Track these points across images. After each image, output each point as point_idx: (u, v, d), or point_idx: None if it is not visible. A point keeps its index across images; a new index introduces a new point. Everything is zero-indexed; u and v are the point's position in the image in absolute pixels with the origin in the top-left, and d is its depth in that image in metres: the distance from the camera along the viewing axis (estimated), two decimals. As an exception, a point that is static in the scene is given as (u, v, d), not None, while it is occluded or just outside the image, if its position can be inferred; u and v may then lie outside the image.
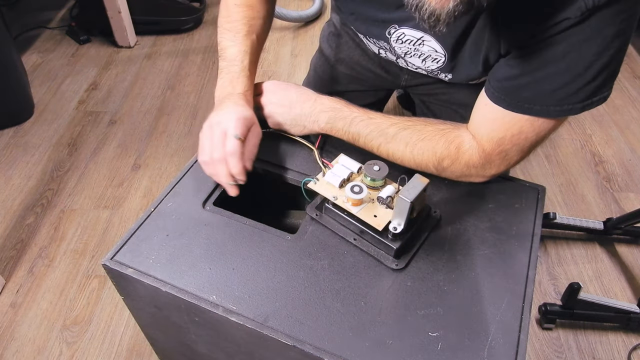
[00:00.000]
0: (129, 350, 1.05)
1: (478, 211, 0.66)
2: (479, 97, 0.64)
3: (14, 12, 2.13)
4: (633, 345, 1.08)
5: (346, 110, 0.67)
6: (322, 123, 0.68)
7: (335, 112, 0.67)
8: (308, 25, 2.13)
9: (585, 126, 1.67)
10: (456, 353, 0.52)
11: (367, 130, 0.66)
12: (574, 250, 1.27)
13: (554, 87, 0.56)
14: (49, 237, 1.27)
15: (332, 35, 0.97)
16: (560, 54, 0.54)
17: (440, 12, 0.45)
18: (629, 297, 1.17)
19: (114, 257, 0.60)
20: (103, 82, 1.79)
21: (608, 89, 0.56)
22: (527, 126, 0.60)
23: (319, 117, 0.68)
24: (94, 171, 1.45)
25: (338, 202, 0.60)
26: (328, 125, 0.68)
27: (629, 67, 1.91)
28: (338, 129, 0.68)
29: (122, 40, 1.94)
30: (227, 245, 0.61)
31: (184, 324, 0.62)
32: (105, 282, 1.17)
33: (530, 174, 1.48)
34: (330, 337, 0.52)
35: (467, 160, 0.65)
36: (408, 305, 0.55)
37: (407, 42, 0.69)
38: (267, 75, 1.83)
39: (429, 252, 0.61)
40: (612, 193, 1.43)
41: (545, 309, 1.08)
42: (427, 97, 0.96)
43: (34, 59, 1.89)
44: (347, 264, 0.59)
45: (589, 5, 0.49)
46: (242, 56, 0.72)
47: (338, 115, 0.67)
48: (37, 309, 1.12)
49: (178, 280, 0.57)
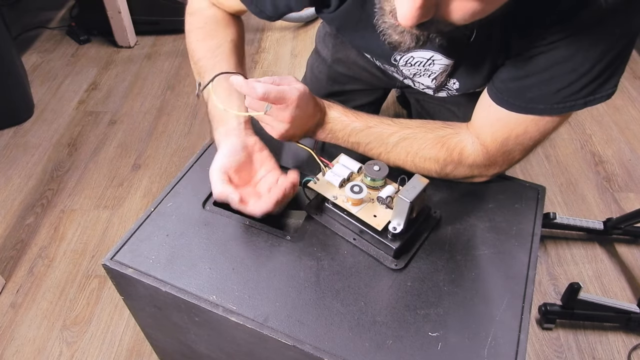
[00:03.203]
0: (129, 350, 1.05)
1: (478, 211, 0.66)
2: (481, 98, 0.64)
3: (14, 12, 2.12)
4: (633, 345, 1.08)
5: (345, 119, 0.65)
6: (323, 134, 0.67)
7: (334, 124, 0.65)
8: (308, 25, 2.13)
9: (585, 126, 1.67)
10: (456, 353, 0.52)
11: (366, 140, 0.66)
12: (574, 250, 1.27)
13: (559, 86, 0.56)
14: (49, 237, 1.27)
15: (328, 35, 0.97)
16: (569, 55, 0.53)
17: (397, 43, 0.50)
18: (629, 297, 1.17)
19: (114, 257, 0.60)
20: (103, 82, 1.79)
21: (612, 86, 0.56)
22: (532, 126, 0.60)
23: (320, 128, 0.68)
24: (94, 171, 1.45)
25: (338, 202, 0.60)
26: (329, 135, 0.67)
27: (629, 67, 1.91)
28: (338, 138, 0.67)
29: (122, 40, 1.94)
30: (227, 245, 0.61)
31: (184, 324, 0.62)
32: (105, 282, 1.16)
33: (530, 174, 1.48)
34: (330, 337, 0.52)
35: (471, 163, 0.65)
36: (408, 305, 0.55)
37: (417, 64, 0.68)
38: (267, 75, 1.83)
39: (429, 252, 0.61)
40: (612, 193, 1.43)
41: (545, 309, 1.08)
42: (422, 96, 0.96)
43: (34, 59, 1.89)
44: (347, 264, 0.59)
45: (602, 9, 0.49)
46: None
47: (337, 126, 0.66)
48: (37, 309, 1.12)
49: (178, 280, 0.57)
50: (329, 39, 0.97)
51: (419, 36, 0.48)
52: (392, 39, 0.49)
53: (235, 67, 0.72)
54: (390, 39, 0.50)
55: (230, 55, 0.72)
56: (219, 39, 0.73)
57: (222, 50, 0.72)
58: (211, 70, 0.70)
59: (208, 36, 0.74)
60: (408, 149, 0.65)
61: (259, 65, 1.90)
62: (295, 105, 0.58)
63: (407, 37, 0.48)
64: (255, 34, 2.08)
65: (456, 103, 0.90)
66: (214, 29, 0.74)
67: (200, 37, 0.75)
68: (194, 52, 0.75)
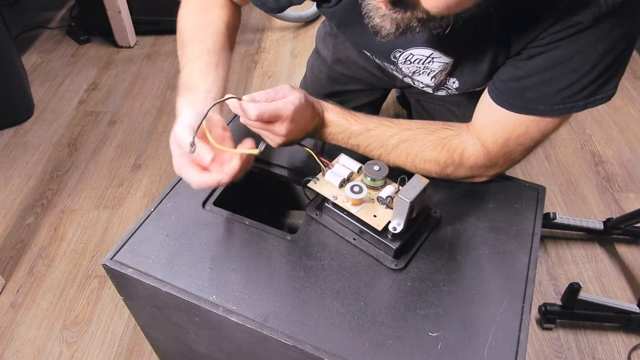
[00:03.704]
0: (129, 350, 1.05)
1: (478, 211, 0.66)
2: (482, 98, 0.64)
3: (14, 12, 2.12)
4: (633, 345, 1.08)
5: (344, 123, 0.65)
6: (322, 137, 0.67)
7: (333, 127, 0.65)
8: (308, 25, 2.13)
9: (585, 126, 1.67)
10: (456, 353, 0.52)
11: (366, 142, 0.65)
12: (574, 250, 1.27)
13: (559, 87, 0.56)
14: (49, 237, 1.27)
15: (328, 35, 0.97)
16: (568, 56, 0.54)
17: (379, 28, 0.50)
18: (629, 297, 1.17)
19: (114, 257, 0.60)
20: (103, 82, 1.79)
21: (612, 87, 0.56)
22: (533, 126, 0.60)
23: (319, 132, 0.67)
24: (94, 171, 1.45)
25: (338, 202, 0.60)
26: (328, 137, 0.66)
27: (629, 68, 1.91)
28: (337, 140, 0.67)
29: (122, 40, 1.94)
30: (227, 245, 0.61)
31: (184, 324, 0.62)
32: (105, 282, 1.16)
33: (530, 174, 1.48)
34: (330, 337, 0.52)
35: (472, 164, 0.65)
36: (408, 305, 0.55)
37: (416, 61, 0.68)
38: (267, 76, 1.83)
39: (429, 252, 0.61)
40: (612, 193, 1.43)
41: (545, 309, 1.08)
42: (422, 96, 0.96)
43: (34, 59, 1.89)
44: (347, 264, 0.59)
45: (602, 10, 0.49)
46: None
47: (335, 130, 0.65)
48: (37, 309, 1.12)
49: (178, 280, 0.57)
50: (329, 39, 0.97)
51: (398, 22, 0.48)
52: (374, 22, 0.50)
53: (223, 46, 0.70)
54: (373, 22, 0.50)
55: (220, 34, 0.71)
56: (213, 16, 0.72)
57: (213, 27, 0.71)
58: (198, 42, 0.68)
59: (203, 11, 0.73)
60: (408, 150, 0.65)
61: (259, 65, 1.90)
62: (290, 120, 0.57)
63: (387, 21, 0.49)
64: (255, 34, 2.08)
65: (456, 103, 0.90)
66: (210, 6, 0.73)
67: (195, 10, 0.73)
68: (184, 22, 0.72)
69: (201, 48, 0.68)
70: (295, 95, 0.59)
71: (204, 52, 0.67)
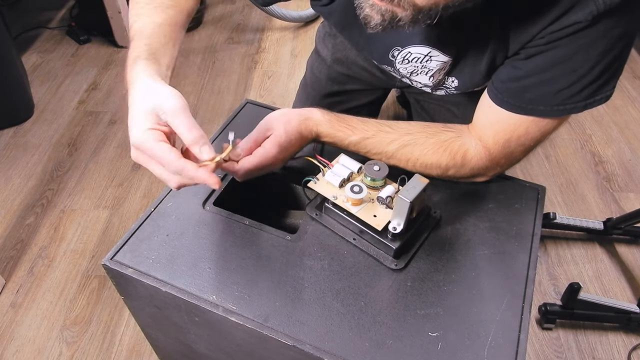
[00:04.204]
0: (129, 350, 1.05)
1: (478, 211, 0.66)
2: (482, 99, 0.64)
3: (14, 12, 2.12)
4: (633, 345, 1.08)
5: (340, 135, 0.64)
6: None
7: (330, 139, 0.65)
8: (308, 25, 2.13)
9: (585, 126, 1.67)
10: (456, 353, 0.52)
11: (364, 150, 0.65)
12: (574, 250, 1.27)
13: (559, 87, 0.55)
14: (49, 237, 1.27)
15: (327, 35, 0.97)
16: (567, 56, 0.53)
17: (369, 18, 0.50)
18: (629, 297, 1.17)
19: (114, 257, 0.60)
20: (103, 82, 1.79)
21: (611, 88, 0.56)
22: (533, 127, 0.60)
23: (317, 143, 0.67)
24: (94, 171, 1.45)
25: (338, 202, 0.60)
26: (329, 143, 0.67)
27: (629, 67, 1.91)
28: (337, 146, 0.66)
29: (122, 40, 1.94)
30: (227, 245, 0.61)
31: (184, 324, 0.62)
32: (105, 282, 1.16)
33: (530, 174, 1.48)
34: (330, 337, 0.52)
35: (474, 166, 0.65)
36: (408, 305, 0.55)
37: (414, 60, 0.68)
38: (267, 76, 1.83)
39: (429, 252, 0.61)
40: (612, 193, 1.43)
41: (545, 309, 1.08)
42: (421, 96, 0.96)
43: (34, 59, 1.89)
44: (347, 264, 0.59)
45: (600, 9, 0.49)
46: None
47: (332, 141, 0.65)
48: (37, 309, 1.12)
49: (178, 280, 0.57)
50: (328, 39, 0.97)
51: (384, 13, 0.48)
52: (364, 12, 0.50)
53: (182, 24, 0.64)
54: (363, 13, 0.51)
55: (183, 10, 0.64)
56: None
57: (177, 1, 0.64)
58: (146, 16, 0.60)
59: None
60: (409, 155, 0.64)
61: (259, 65, 1.90)
62: (276, 160, 0.61)
63: (375, 11, 0.49)
64: (255, 34, 2.08)
65: (456, 103, 0.90)
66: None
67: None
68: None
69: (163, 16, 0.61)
70: (277, 132, 0.61)
71: (165, 21, 0.60)
